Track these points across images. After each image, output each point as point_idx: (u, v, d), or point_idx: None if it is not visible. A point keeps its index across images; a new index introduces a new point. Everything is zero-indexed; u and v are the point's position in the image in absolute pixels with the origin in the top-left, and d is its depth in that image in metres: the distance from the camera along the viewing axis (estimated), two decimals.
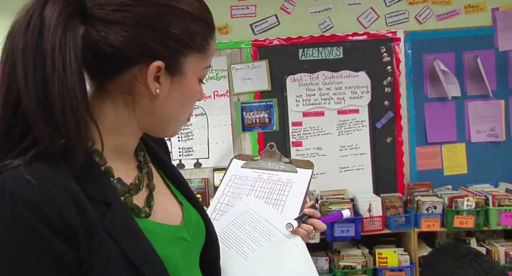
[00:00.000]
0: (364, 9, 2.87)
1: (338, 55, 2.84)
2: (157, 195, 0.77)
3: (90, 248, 0.59)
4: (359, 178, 2.85)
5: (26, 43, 0.58)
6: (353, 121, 2.85)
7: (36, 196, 0.56)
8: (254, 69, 2.82)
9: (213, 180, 2.83)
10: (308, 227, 1.01)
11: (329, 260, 2.65)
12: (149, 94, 0.67)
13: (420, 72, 2.86)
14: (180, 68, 0.68)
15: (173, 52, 0.66)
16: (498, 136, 2.89)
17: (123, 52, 0.64)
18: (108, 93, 0.68)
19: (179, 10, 0.66)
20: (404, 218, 2.65)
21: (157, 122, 0.71)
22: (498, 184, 2.85)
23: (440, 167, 2.89)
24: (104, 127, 0.67)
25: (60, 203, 0.57)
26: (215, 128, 2.82)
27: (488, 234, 2.79)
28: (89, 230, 0.59)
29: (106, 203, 0.64)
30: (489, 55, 2.85)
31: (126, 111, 0.69)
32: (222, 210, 1.06)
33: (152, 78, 0.66)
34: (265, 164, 1.15)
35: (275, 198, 1.07)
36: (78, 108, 0.59)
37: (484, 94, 2.85)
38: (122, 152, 0.73)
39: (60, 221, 0.56)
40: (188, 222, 0.80)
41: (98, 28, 0.63)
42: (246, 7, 2.84)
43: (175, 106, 0.71)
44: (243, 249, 0.97)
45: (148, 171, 0.78)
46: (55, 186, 0.58)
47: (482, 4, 2.88)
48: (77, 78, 0.59)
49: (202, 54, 0.71)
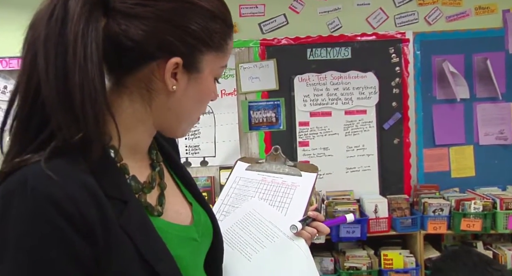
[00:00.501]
0: (373, 9, 2.86)
1: (347, 56, 2.84)
2: (168, 194, 0.77)
3: (107, 245, 0.59)
4: (366, 179, 2.84)
5: (49, 32, 0.59)
6: (361, 121, 2.85)
7: (57, 192, 0.56)
8: (262, 68, 2.82)
9: (219, 179, 2.83)
10: (311, 229, 1.01)
11: (334, 260, 2.64)
12: (166, 91, 0.68)
13: (429, 74, 2.85)
14: (197, 66, 0.68)
15: (191, 49, 0.67)
16: (506, 139, 2.87)
17: (143, 46, 0.64)
18: (125, 88, 0.68)
19: (199, 7, 0.66)
20: (410, 220, 2.64)
21: (171, 119, 0.72)
22: (506, 187, 2.82)
23: (448, 169, 2.88)
24: (121, 122, 0.66)
25: (80, 200, 0.57)
26: (222, 127, 2.82)
27: (495, 237, 2.77)
28: (107, 228, 0.59)
29: (123, 201, 0.64)
30: (499, 57, 2.83)
31: (142, 107, 0.69)
32: (226, 211, 1.07)
33: (169, 74, 0.66)
34: (269, 167, 1.16)
35: (279, 201, 1.07)
36: (97, 99, 0.59)
37: (493, 97, 2.83)
38: (137, 150, 0.73)
39: (80, 217, 0.57)
40: (197, 223, 0.80)
41: (119, 21, 0.63)
42: (255, 6, 2.84)
43: (190, 104, 0.71)
44: (246, 250, 0.97)
45: (160, 170, 0.79)
46: (76, 182, 0.58)
47: (493, 6, 2.85)
48: (97, 69, 0.59)
49: (220, 53, 0.71)
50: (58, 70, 0.58)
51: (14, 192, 0.57)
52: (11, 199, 0.56)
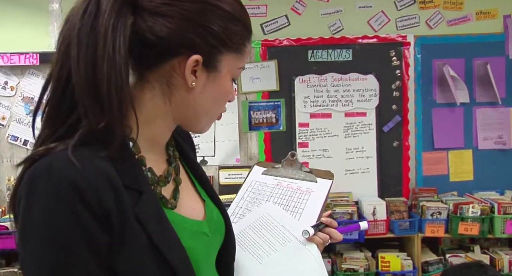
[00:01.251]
0: (375, 12, 2.87)
1: (347, 58, 2.84)
2: (182, 190, 0.80)
3: (122, 233, 0.62)
4: (365, 181, 2.84)
5: (82, 25, 0.64)
6: (360, 124, 2.85)
7: (79, 179, 0.59)
8: (262, 69, 2.82)
9: (219, 178, 2.83)
10: (324, 236, 1.02)
11: (332, 262, 2.65)
12: (186, 86, 0.71)
13: (429, 77, 2.86)
14: (216, 65, 0.72)
15: (211, 48, 0.70)
16: (505, 144, 2.88)
17: (167, 42, 0.68)
18: (148, 83, 0.72)
19: (221, 9, 0.70)
20: (408, 223, 2.64)
21: (190, 115, 0.75)
22: (504, 192, 2.83)
23: (446, 173, 2.88)
24: (141, 116, 0.70)
25: (99, 188, 0.60)
26: (222, 127, 2.82)
27: (493, 242, 2.78)
28: (123, 216, 0.62)
29: (139, 191, 0.67)
30: (499, 62, 2.84)
31: (162, 102, 0.72)
32: (240, 214, 1.08)
33: (189, 71, 0.70)
34: (285, 172, 1.17)
35: (293, 206, 1.08)
36: (122, 88, 0.64)
37: (493, 101, 2.84)
38: (155, 143, 0.76)
39: (98, 205, 0.60)
40: (209, 219, 0.82)
41: (146, 18, 0.67)
42: (257, 7, 2.84)
43: (208, 101, 0.74)
44: (258, 253, 0.98)
45: (176, 166, 0.82)
46: (97, 171, 0.61)
47: (494, 11, 2.87)
48: (124, 61, 0.64)
49: (238, 54, 0.75)
50: (88, 59, 0.63)
51: (39, 178, 0.60)
52: (36, 184, 0.60)
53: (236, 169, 2.83)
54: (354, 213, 2.63)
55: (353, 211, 2.63)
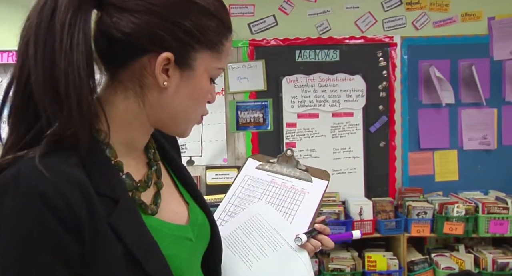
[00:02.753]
0: (362, 13, 2.88)
1: (335, 58, 2.85)
2: (164, 193, 0.77)
3: (94, 243, 0.59)
4: (351, 181, 2.86)
5: (40, 21, 0.61)
6: (347, 124, 2.86)
7: (48, 189, 0.56)
8: (250, 68, 2.82)
9: (206, 178, 2.82)
10: (316, 243, 1.00)
11: (319, 262, 2.65)
12: (158, 87, 0.67)
13: (415, 78, 2.88)
14: (190, 63, 0.68)
15: (183, 45, 0.66)
16: (489, 144, 2.91)
17: (133, 38, 0.64)
18: (119, 83, 0.68)
19: (193, 3, 0.66)
20: (395, 223, 2.66)
21: (166, 117, 0.71)
22: (488, 192, 2.87)
23: (432, 173, 2.91)
24: (115, 118, 0.68)
25: (70, 197, 0.57)
26: (209, 126, 2.81)
27: (477, 241, 2.81)
28: (95, 226, 0.59)
29: (114, 199, 0.64)
30: (484, 63, 2.88)
31: (135, 103, 0.69)
32: (231, 211, 1.04)
33: (160, 69, 0.66)
34: (280, 169, 1.13)
35: (286, 206, 1.04)
36: (81, 87, 0.60)
37: (478, 102, 2.88)
38: (132, 147, 0.73)
39: (69, 214, 0.57)
40: (193, 223, 0.79)
41: (111, 14, 0.64)
42: (245, 6, 2.84)
43: (184, 102, 0.70)
44: (248, 257, 0.96)
45: (157, 169, 0.78)
46: (67, 179, 0.58)
47: (479, 13, 2.90)
48: (83, 58, 0.60)
49: (215, 53, 0.70)
50: (45, 57, 0.60)
51: (7, 187, 0.57)
52: (4, 194, 0.57)
53: (224, 169, 2.82)
54: (341, 213, 2.63)
55: (340, 211, 2.64)
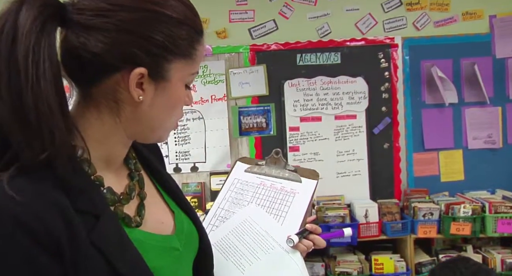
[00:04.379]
0: (362, 15, 2.87)
1: (336, 61, 2.84)
2: (149, 204, 0.75)
3: (75, 262, 0.58)
4: (356, 183, 2.84)
5: (0, 51, 0.57)
6: (350, 126, 2.85)
7: (23, 213, 0.55)
8: (252, 73, 2.82)
9: (210, 184, 2.81)
10: (308, 243, 1.00)
11: (325, 265, 2.64)
12: (133, 101, 0.66)
13: (418, 78, 2.87)
14: (164, 74, 0.66)
15: (156, 58, 0.64)
16: (495, 143, 2.90)
17: (103, 59, 0.62)
18: (92, 100, 0.66)
19: (162, 15, 0.64)
20: (401, 224, 2.65)
21: (143, 129, 0.70)
22: (495, 191, 2.85)
23: (437, 174, 2.89)
24: (90, 135, 0.66)
25: (47, 219, 0.56)
26: (212, 132, 2.81)
27: (485, 241, 2.79)
28: (75, 244, 0.58)
29: (95, 215, 0.62)
30: (487, 62, 2.86)
31: (111, 119, 0.67)
32: (222, 216, 1.04)
33: (134, 85, 0.64)
34: (269, 170, 1.12)
35: (277, 208, 1.04)
36: (52, 118, 0.58)
37: (481, 101, 2.86)
38: (111, 161, 0.71)
39: (48, 238, 0.56)
40: (179, 232, 0.79)
41: (78, 33, 0.61)
42: (245, 12, 2.84)
43: (161, 113, 0.69)
44: (240, 262, 0.95)
45: (140, 179, 0.77)
46: (42, 200, 0.57)
47: (480, 12, 2.89)
48: (51, 87, 0.57)
49: (189, 60, 0.68)
50: (11, 90, 0.56)
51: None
52: None
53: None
54: (346, 216, 2.62)
55: (345, 214, 2.62)
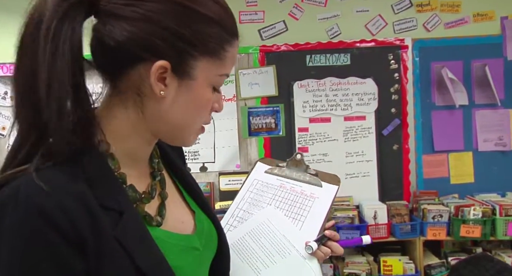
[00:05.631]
0: (372, 16, 2.87)
1: (346, 62, 2.85)
2: (169, 203, 0.75)
3: (99, 257, 0.58)
4: (365, 185, 2.84)
5: (28, 29, 0.60)
6: (360, 128, 2.85)
7: (49, 204, 0.55)
8: (261, 74, 2.83)
9: (219, 184, 2.83)
10: (326, 250, 0.98)
11: (334, 267, 2.64)
12: (156, 96, 0.65)
13: (428, 80, 2.86)
14: (189, 71, 0.65)
15: (180, 53, 0.63)
16: (505, 145, 2.87)
17: (127, 48, 0.62)
18: (119, 93, 0.67)
19: (193, 11, 0.64)
20: (410, 226, 2.63)
21: (166, 128, 0.69)
22: (506, 193, 2.82)
23: (447, 176, 2.88)
24: (116, 129, 0.67)
25: (72, 212, 0.56)
26: (222, 133, 2.82)
27: (495, 244, 2.76)
28: (100, 239, 0.58)
29: (119, 212, 0.62)
30: (498, 63, 2.84)
31: (135, 113, 0.67)
32: (240, 217, 1.03)
33: (155, 78, 0.63)
34: (290, 173, 1.10)
35: (296, 212, 1.02)
36: (61, 96, 0.58)
37: (492, 103, 2.84)
38: (136, 158, 0.71)
39: (72, 230, 0.56)
40: (200, 231, 0.78)
41: (106, 21, 0.62)
42: (255, 13, 2.85)
43: (183, 112, 0.67)
44: (256, 265, 0.94)
45: (161, 179, 0.77)
46: (69, 193, 0.57)
47: (491, 13, 2.87)
48: (68, 68, 0.58)
49: (217, 60, 0.67)
50: (27, 68, 0.59)
51: (6, 205, 0.56)
52: (4, 211, 0.56)
53: (237, 175, 2.83)
54: (355, 217, 2.62)
55: (354, 215, 2.62)
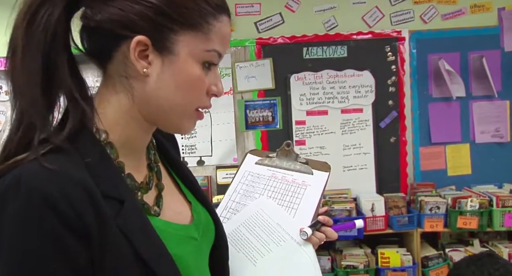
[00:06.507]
0: (369, 8, 2.86)
1: (343, 54, 2.83)
2: (166, 194, 0.76)
3: (102, 245, 0.58)
4: (362, 177, 2.84)
5: (17, 21, 0.63)
6: (357, 120, 2.84)
7: (52, 191, 0.55)
8: (258, 67, 2.81)
9: (216, 178, 2.83)
10: (320, 235, 0.99)
11: (332, 259, 2.65)
12: (141, 75, 0.64)
13: (425, 72, 2.85)
14: (169, 46, 0.64)
15: (160, 28, 0.63)
16: (502, 137, 2.88)
17: (106, 26, 0.63)
18: (110, 78, 0.67)
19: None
20: (407, 218, 2.64)
21: (155, 110, 0.68)
22: (503, 185, 2.83)
23: (444, 168, 2.88)
24: (110, 116, 0.67)
25: (75, 199, 0.56)
26: (218, 126, 2.81)
27: (492, 235, 2.77)
28: (103, 228, 0.58)
29: (120, 201, 0.62)
30: (495, 55, 2.84)
31: (126, 97, 0.67)
32: (233, 208, 1.03)
33: (134, 54, 0.63)
34: (280, 163, 1.11)
35: (288, 200, 1.03)
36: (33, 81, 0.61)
37: (489, 95, 2.84)
38: (133, 147, 0.71)
39: (75, 218, 0.56)
40: (197, 222, 0.79)
41: (88, 6, 0.64)
42: (251, 5, 2.83)
43: (170, 91, 0.66)
44: (252, 254, 0.95)
45: (158, 171, 0.77)
46: (72, 180, 0.57)
47: (488, 4, 2.86)
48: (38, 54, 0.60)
49: (200, 34, 0.65)
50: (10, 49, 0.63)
51: (8, 192, 0.56)
52: (5, 199, 0.55)
53: (234, 168, 2.82)
54: (352, 209, 2.62)
55: (352, 208, 2.62)
